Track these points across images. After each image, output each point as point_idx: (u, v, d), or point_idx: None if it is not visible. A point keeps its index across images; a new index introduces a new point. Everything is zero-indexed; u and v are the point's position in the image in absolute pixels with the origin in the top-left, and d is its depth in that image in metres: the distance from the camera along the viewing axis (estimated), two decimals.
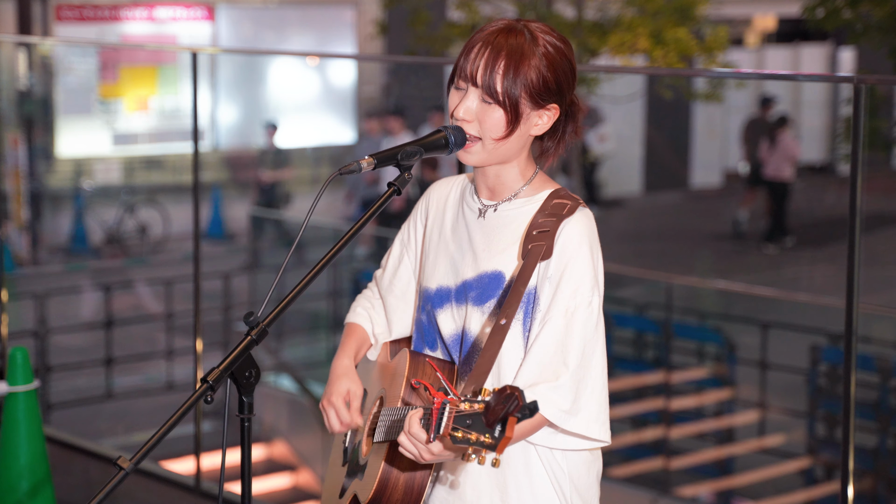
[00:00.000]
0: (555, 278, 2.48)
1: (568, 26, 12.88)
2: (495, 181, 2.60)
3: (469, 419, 2.13)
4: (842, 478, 3.62)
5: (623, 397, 9.83)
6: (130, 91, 17.28)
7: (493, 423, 2.10)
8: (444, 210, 2.70)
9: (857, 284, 3.59)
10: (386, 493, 2.52)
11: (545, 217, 2.52)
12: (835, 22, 11.16)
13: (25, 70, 16.35)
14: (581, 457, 2.55)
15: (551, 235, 2.49)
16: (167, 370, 10.75)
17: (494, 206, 2.60)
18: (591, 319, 2.47)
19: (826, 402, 9.15)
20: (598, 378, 2.48)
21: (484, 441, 2.10)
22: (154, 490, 5.45)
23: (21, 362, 4.70)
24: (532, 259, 2.48)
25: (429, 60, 11.98)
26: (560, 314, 2.46)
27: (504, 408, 2.09)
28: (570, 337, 2.45)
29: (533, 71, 2.48)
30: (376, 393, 2.73)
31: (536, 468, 2.52)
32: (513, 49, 2.49)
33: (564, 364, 2.44)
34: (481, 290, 2.55)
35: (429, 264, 2.67)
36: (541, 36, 2.51)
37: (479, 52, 2.51)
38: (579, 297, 2.47)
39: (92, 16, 17.33)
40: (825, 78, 11.29)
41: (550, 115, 2.54)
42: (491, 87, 2.48)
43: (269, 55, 20.44)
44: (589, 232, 2.51)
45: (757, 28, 23.34)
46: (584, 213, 2.53)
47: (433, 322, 2.63)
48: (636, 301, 10.83)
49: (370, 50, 18.49)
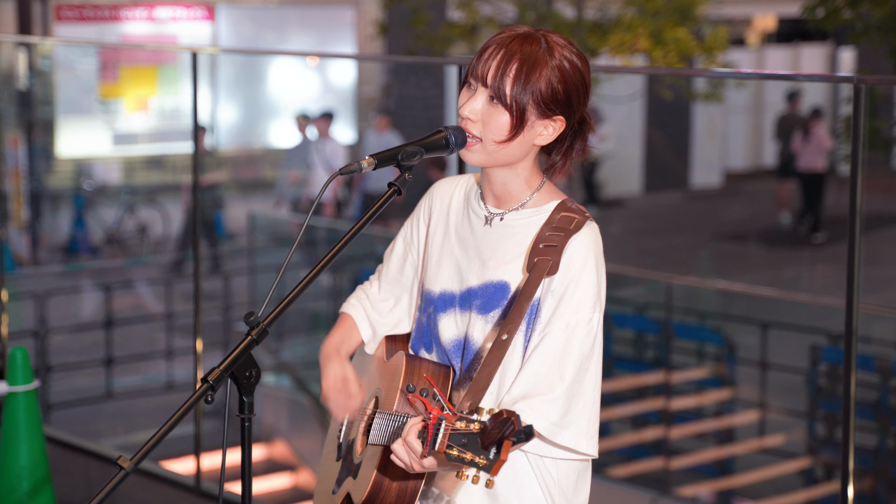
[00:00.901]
0: (558, 292, 2.49)
1: (568, 26, 12.89)
2: (501, 189, 2.60)
3: (465, 438, 2.15)
4: (842, 478, 3.62)
5: (623, 397, 9.84)
6: (130, 91, 17.27)
7: (489, 445, 2.12)
8: (447, 211, 2.70)
9: (857, 284, 3.59)
10: (379, 496, 2.53)
11: (552, 230, 2.53)
12: (835, 22, 11.16)
13: (25, 70, 16.35)
14: (571, 465, 2.56)
15: (559, 251, 2.50)
16: (167, 370, 10.75)
17: (501, 215, 2.60)
18: (590, 336, 2.49)
19: (826, 402, 9.15)
20: (591, 393, 2.49)
21: (478, 462, 2.13)
22: (154, 490, 5.45)
23: (21, 362, 4.70)
24: (538, 273, 2.49)
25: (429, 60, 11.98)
26: (561, 328, 2.47)
27: (500, 432, 2.11)
28: (568, 352, 2.47)
29: (543, 80, 2.48)
30: (372, 391, 2.73)
31: (527, 474, 2.54)
32: (527, 55, 2.48)
33: (560, 378, 2.45)
34: (486, 299, 2.56)
35: (432, 266, 2.67)
36: (558, 48, 2.51)
37: (492, 53, 2.51)
38: (581, 314, 2.48)
39: (92, 16, 17.32)
40: (825, 78, 11.28)
41: (556, 126, 2.53)
42: (500, 90, 2.48)
43: (269, 55, 20.43)
44: (595, 248, 2.52)
45: (757, 28, 23.35)
46: (591, 227, 2.54)
47: (433, 325, 2.63)
48: (636, 301, 10.83)
49: (370, 50, 18.48)
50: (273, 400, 10.22)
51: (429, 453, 2.20)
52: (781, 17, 22.89)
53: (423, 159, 2.55)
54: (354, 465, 2.67)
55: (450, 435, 2.16)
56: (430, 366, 2.59)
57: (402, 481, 2.53)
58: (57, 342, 11.00)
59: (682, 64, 12.56)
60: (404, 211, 6.41)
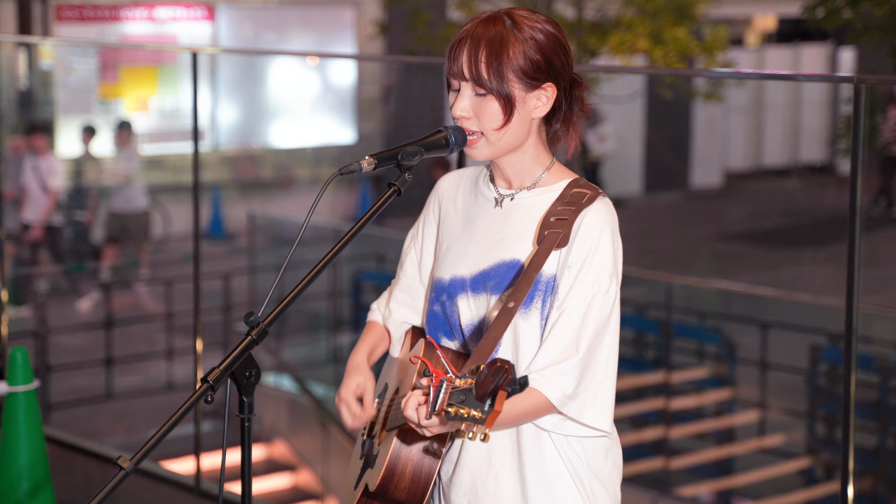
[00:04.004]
0: (575, 266, 2.47)
1: (568, 26, 12.88)
2: (511, 171, 2.59)
3: (463, 395, 2.14)
4: (842, 478, 3.62)
5: (623, 397, 9.83)
6: (130, 91, 17.27)
7: (484, 396, 2.10)
8: (454, 200, 2.69)
9: (857, 284, 3.58)
10: (393, 481, 2.53)
11: (563, 206, 2.52)
12: (835, 22, 11.15)
13: (25, 70, 16.34)
14: (598, 443, 2.54)
15: (569, 224, 2.48)
16: (167, 370, 10.75)
17: (511, 196, 2.59)
18: (606, 307, 2.47)
19: (826, 402, 9.15)
20: (603, 365, 2.48)
21: (474, 416, 2.10)
22: (154, 490, 5.45)
23: (21, 362, 4.70)
24: (547, 245, 2.47)
25: (429, 60, 11.98)
26: (579, 302, 2.46)
27: (494, 381, 2.09)
28: (585, 325, 2.45)
29: (518, 55, 2.47)
30: (394, 385, 2.75)
31: (552, 456, 2.52)
32: (493, 37, 2.47)
33: (576, 349, 2.44)
34: (499, 279, 2.54)
35: (441, 255, 2.67)
36: (525, 21, 2.49)
37: (460, 46, 2.50)
38: (598, 286, 2.46)
39: (92, 16, 17.31)
40: (825, 78, 11.29)
41: (548, 94, 2.52)
42: (479, 78, 2.47)
43: (269, 55, 20.43)
44: (610, 220, 2.51)
45: (757, 28, 23.34)
46: (604, 201, 2.52)
47: (449, 312, 2.61)
48: (636, 301, 10.83)
49: (370, 50, 18.48)
50: (273, 400, 10.22)
51: (430, 415, 2.19)
52: (781, 17, 22.89)
53: (426, 159, 2.55)
54: (373, 456, 2.68)
55: (451, 394, 2.15)
56: (448, 352, 2.59)
57: (416, 463, 2.53)
58: (57, 342, 11.00)
59: (682, 64, 12.55)
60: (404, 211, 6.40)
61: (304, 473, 9.85)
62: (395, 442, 2.53)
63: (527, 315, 2.50)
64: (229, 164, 18.65)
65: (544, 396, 2.41)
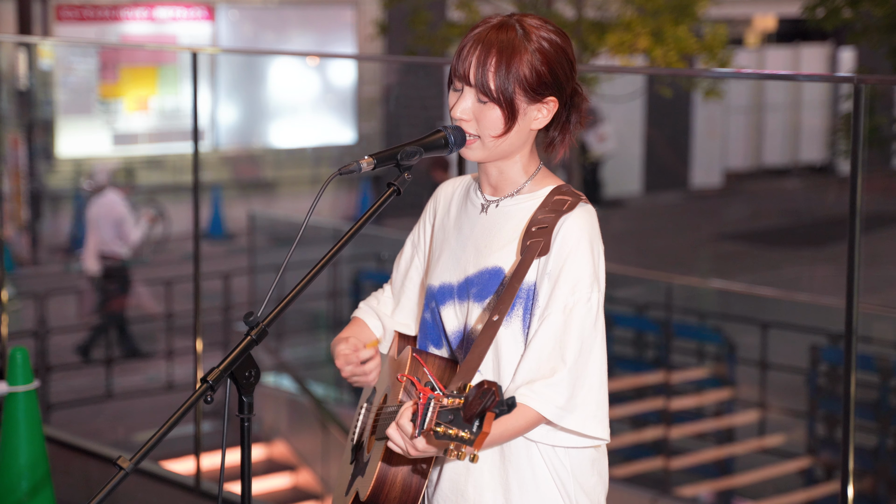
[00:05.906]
0: (553, 274, 2.45)
1: (568, 26, 12.87)
2: (498, 177, 2.58)
3: (451, 414, 2.12)
4: (842, 478, 3.62)
5: (623, 397, 9.83)
6: (130, 91, 17.27)
7: (472, 418, 2.09)
8: (449, 208, 2.70)
9: (857, 284, 3.58)
10: (384, 490, 2.52)
11: (545, 213, 2.50)
12: (835, 22, 11.15)
13: (25, 70, 16.34)
14: (584, 454, 2.53)
15: (549, 231, 2.47)
16: (167, 370, 10.75)
17: (496, 202, 2.58)
18: (590, 316, 2.44)
19: (826, 402, 9.15)
20: (596, 374, 2.45)
21: (462, 437, 2.10)
22: (154, 490, 5.45)
23: (21, 362, 4.70)
24: (529, 255, 2.46)
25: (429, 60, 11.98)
26: (559, 310, 2.44)
27: (481, 403, 2.09)
28: (568, 333, 2.43)
29: (525, 66, 2.46)
30: (383, 390, 2.74)
31: (539, 466, 2.51)
32: (503, 45, 2.46)
33: (562, 360, 2.42)
34: (482, 287, 2.53)
35: (432, 262, 2.67)
36: (534, 31, 2.48)
37: (469, 50, 2.49)
38: (578, 294, 2.44)
39: (92, 16, 17.32)
40: (825, 78, 11.29)
41: (549, 108, 2.52)
42: (484, 85, 2.46)
43: (269, 55, 20.43)
44: (589, 227, 2.48)
45: (757, 28, 23.35)
46: (584, 208, 2.51)
47: (438, 319, 2.61)
48: (636, 301, 10.83)
49: (370, 50, 18.47)
50: (273, 400, 10.22)
51: (418, 433, 2.18)
52: (781, 17, 22.89)
53: (425, 159, 2.55)
54: (363, 464, 2.68)
55: (438, 413, 2.14)
56: (435, 360, 2.58)
57: (407, 472, 2.52)
58: (57, 342, 11.00)
59: (682, 63, 12.55)
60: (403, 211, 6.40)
61: (304, 473, 9.85)
62: (384, 451, 2.53)
63: (508, 323, 2.49)
64: (229, 164, 18.66)
65: (535, 412, 2.40)
